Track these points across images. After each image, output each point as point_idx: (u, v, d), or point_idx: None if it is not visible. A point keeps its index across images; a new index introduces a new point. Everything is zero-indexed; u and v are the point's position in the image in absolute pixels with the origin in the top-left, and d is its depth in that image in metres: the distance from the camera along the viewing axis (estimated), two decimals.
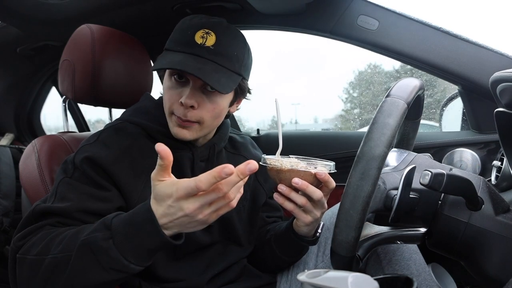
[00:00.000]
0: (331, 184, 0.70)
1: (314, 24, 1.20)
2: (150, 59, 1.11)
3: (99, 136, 0.79)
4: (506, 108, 0.65)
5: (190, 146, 0.84)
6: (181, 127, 0.77)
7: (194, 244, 0.82)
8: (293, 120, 9.95)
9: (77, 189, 0.71)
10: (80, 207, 0.69)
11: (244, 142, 1.01)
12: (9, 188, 1.50)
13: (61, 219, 0.68)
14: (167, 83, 0.78)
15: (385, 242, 0.69)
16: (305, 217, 0.72)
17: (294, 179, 0.68)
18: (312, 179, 0.68)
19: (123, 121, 0.84)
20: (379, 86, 7.27)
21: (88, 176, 0.72)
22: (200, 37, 0.74)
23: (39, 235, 0.65)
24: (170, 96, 0.77)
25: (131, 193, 0.75)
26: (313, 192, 0.68)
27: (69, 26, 1.14)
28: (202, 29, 0.74)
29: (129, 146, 0.78)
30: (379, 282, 0.31)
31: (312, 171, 0.67)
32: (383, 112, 0.53)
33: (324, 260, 0.89)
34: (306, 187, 0.67)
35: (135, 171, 0.76)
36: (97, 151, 0.74)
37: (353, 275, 0.31)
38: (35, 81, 1.79)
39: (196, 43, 0.73)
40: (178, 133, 0.78)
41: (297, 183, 0.67)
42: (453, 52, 1.07)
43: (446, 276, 1.11)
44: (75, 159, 0.75)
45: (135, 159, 0.77)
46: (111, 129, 0.82)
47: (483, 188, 0.59)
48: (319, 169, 0.68)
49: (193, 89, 0.75)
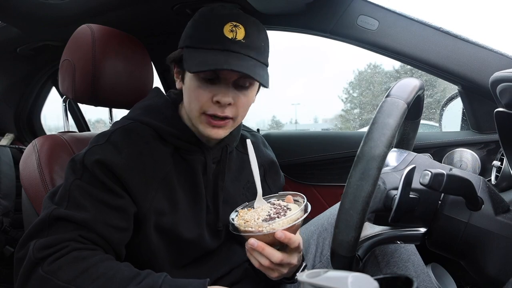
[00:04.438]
0: (293, 244, 0.67)
1: (314, 24, 1.20)
2: (150, 59, 1.11)
3: (109, 138, 0.76)
4: (506, 108, 0.65)
5: (202, 148, 0.82)
6: (216, 127, 0.75)
7: (202, 249, 0.81)
8: (293, 120, 9.95)
9: (91, 196, 0.69)
10: (99, 219, 0.67)
11: (255, 141, 0.98)
12: (9, 188, 1.50)
13: (82, 233, 0.66)
14: (194, 83, 0.74)
15: (385, 242, 0.69)
16: (272, 273, 0.71)
17: (250, 240, 0.66)
18: (273, 238, 0.66)
19: (134, 120, 0.81)
20: (379, 86, 7.28)
21: (100, 180, 0.70)
22: (230, 31, 0.70)
23: (68, 258, 0.62)
24: (200, 96, 0.73)
25: (143, 201, 0.73)
26: (271, 255, 0.67)
27: (69, 26, 1.14)
28: (229, 22, 0.71)
29: (140, 151, 0.75)
30: (379, 282, 0.31)
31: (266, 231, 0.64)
32: (383, 112, 0.53)
33: (322, 260, 0.89)
34: (261, 249, 0.66)
35: (146, 178, 0.74)
36: (109, 156, 0.72)
37: (353, 275, 0.31)
38: (35, 81, 1.80)
39: (227, 37, 0.70)
40: (213, 134, 0.76)
41: (253, 244, 0.66)
42: (453, 52, 1.07)
43: (446, 276, 1.12)
44: (85, 160, 0.72)
45: (147, 165, 0.74)
46: (122, 130, 0.78)
47: (483, 188, 0.59)
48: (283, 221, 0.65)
49: (227, 86, 0.73)
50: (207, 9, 0.75)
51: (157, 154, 0.77)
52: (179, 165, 0.80)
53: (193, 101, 0.75)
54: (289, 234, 0.66)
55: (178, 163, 0.80)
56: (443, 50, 1.08)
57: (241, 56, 0.70)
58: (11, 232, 1.43)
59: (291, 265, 0.71)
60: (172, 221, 0.76)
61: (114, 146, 0.74)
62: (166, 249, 0.77)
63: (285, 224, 0.66)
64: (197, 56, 0.71)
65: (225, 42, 0.70)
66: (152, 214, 0.74)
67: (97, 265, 0.63)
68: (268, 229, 0.65)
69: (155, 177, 0.75)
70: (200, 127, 0.76)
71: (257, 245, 0.66)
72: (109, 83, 0.98)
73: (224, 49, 0.70)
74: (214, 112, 0.73)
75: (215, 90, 0.73)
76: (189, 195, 0.80)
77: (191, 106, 0.76)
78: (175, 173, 0.79)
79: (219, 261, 0.85)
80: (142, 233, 0.74)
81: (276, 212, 0.70)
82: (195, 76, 0.73)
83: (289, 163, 1.45)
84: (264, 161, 0.97)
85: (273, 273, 0.71)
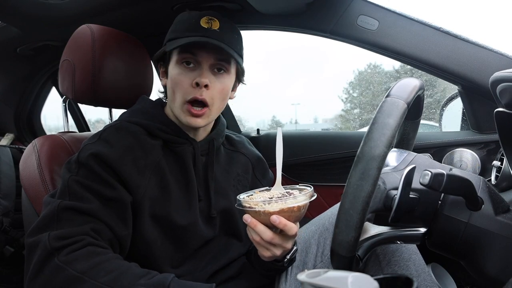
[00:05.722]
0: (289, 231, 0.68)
1: (314, 24, 1.20)
2: (150, 59, 1.11)
3: (100, 136, 0.80)
4: (506, 108, 0.65)
5: (191, 140, 0.87)
6: (195, 116, 0.82)
7: (198, 238, 0.84)
8: (293, 120, 9.96)
9: (89, 189, 0.72)
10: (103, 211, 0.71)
11: (241, 140, 1.05)
12: (9, 188, 1.50)
13: (93, 226, 0.69)
14: (175, 71, 0.82)
15: (385, 242, 0.69)
16: (264, 252, 0.73)
17: (244, 216, 0.70)
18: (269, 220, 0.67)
19: (122, 121, 0.86)
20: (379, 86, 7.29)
21: (95, 173, 0.73)
22: (206, 22, 0.80)
23: (84, 251, 0.65)
24: (182, 81, 0.81)
25: (137, 189, 0.77)
26: (262, 232, 0.69)
27: (69, 26, 1.14)
28: (205, 16, 0.81)
29: (131, 144, 0.80)
30: (379, 282, 0.31)
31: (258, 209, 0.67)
32: (383, 112, 0.53)
33: (323, 260, 0.89)
34: (253, 226, 0.69)
35: (138, 168, 0.78)
36: (101, 149, 0.76)
37: (353, 275, 0.31)
38: (35, 81, 1.79)
39: (203, 27, 0.80)
40: (192, 122, 0.82)
41: (246, 219, 0.69)
42: (453, 52, 1.07)
43: (446, 276, 1.12)
44: (79, 157, 0.75)
45: (138, 156, 0.79)
46: (112, 128, 0.83)
47: (483, 188, 0.59)
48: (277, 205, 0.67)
49: (205, 70, 0.81)
50: (185, 12, 0.85)
51: (147, 146, 0.81)
52: (169, 156, 0.84)
53: (177, 89, 0.82)
54: (284, 220, 0.67)
55: (168, 154, 0.84)
56: (443, 50, 1.08)
57: (216, 41, 0.79)
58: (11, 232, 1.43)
59: (284, 249, 0.73)
60: (166, 208, 0.80)
61: (105, 141, 0.79)
62: (162, 241, 0.80)
63: (276, 208, 0.67)
64: (177, 42, 0.80)
65: (201, 31, 0.80)
66: (147, 202, 0.77)
67: (110, 261, 0.66)
68: (260, 208, 0.68)
69: (147, 166, 0.79)
70: (182, 117, 0.83)
71: (249, 221, 0.69)
72: (109, 83, 0.98)
73: (201, 35, 0.79)
74: (194, 95, 0.80)
75: (194, 75, 0.81)
76: (181, 182, 0.84)
77: (175, 95, 0.83)
78: (166, 163, 0.83)
79: (216, 254, 0.87)
80: (138, 223, 0.77)
81: (278, 197, 0.71)
82: (177, 63, 0.82)
83: (289, 163, 1.45)
84: (251, 157, 1.03)
85: (265, 252, 0.73)
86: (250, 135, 1.58)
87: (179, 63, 0.82)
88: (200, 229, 0.84)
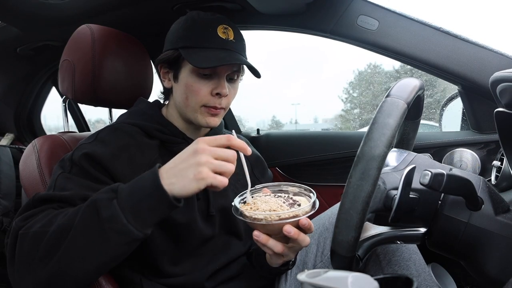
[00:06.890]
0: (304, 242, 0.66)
1: (314, 24, 1.20)
2: (150, 59, 1.11)
3: (97, 136, 0.81)
4: (506, 108, 0.65)
5: (188, 140, 0.87)
6: (213, 116, 0.84)
7: (198, 236, 0.84)
8: (293, 120, 9.96)
9: (76, 182, 0.72)
10: (81, 195, 0.69)
11: None
12: (9, 188, 1.50)
13: (62, 204, 0.68)
14: (191, 79, 0.82)
15: (385, 242, 0.69)
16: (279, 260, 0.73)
17: (254, 232, 0.66)
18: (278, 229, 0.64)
19: (120, 123, 0.86)
20: (379, 86, 7.29)
21: (87, 172, 0.73)
22: (222, 32, 0.81)
23: (44, 213, 0.64)
24: (200, 90, 0.82)
25: None
26: (274, 246, 0.67)
27: (69, 26, 1.14)
28: (221, 25, 0.82)
29: (127, 143, 0.80)
30: (379, 282, 0.31)
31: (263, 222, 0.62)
32: (383, 112, 0.53)
33: (323, 260, 0.89)
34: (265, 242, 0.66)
35: (133, 167, 0.78)
36: (96, 149, 0.76)
37: (353, 275, 0.31)
38: (35, 81, 1.80)
39: (221, 38, 0.81)
40: (211, 122, 0.85)
41: (258, 236, 0.66)
42: (453, 52, 1.07)
43: (446, 276, 1.12)
44: (73, 156, 0.75)
45: (134, 155, 0.79)
46: (108, 128, 0.83)
47: (483, 188, 0.59)
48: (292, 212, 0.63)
49: (224, 80, 0.83)
50: (194, 14, 0.84)
51: (143, 145, 0.82)
52: (166, 155, 0.84)
53: (192, 96, 0.82)
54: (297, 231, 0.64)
55: (165, 154, 0.84)
56: (443, 50, 1.08)
57: (235, 53, 0.82)
58: None
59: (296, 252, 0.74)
60: None
61: (101, 141, 0.79)
62: (161, 238, 0.80)
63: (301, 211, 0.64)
64: (200, 54, 0.79)
65: (220, 42, 0.81)
66: None
67: (68, 209, 0.64)
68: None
69: (142, 165, 0.79)
70: (199, 119, 0.84)
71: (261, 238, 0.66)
72: (109, 83, 0.98)
73: (222, 47, 0.81)
74: (214, 104, 0.83)
75: (213, 84, 0.82)
76: None
77: (189, 100, 0.83)
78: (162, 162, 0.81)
79: (216, 252, 0.87)
80: None
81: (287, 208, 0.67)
82: (194, 72, 0.81)
83: (289, 163, 1.46)
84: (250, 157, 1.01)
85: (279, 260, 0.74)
86: (250, 135, 1.58)
87: (196, 72, 0.82)
88: (199, 227, 0.84)
